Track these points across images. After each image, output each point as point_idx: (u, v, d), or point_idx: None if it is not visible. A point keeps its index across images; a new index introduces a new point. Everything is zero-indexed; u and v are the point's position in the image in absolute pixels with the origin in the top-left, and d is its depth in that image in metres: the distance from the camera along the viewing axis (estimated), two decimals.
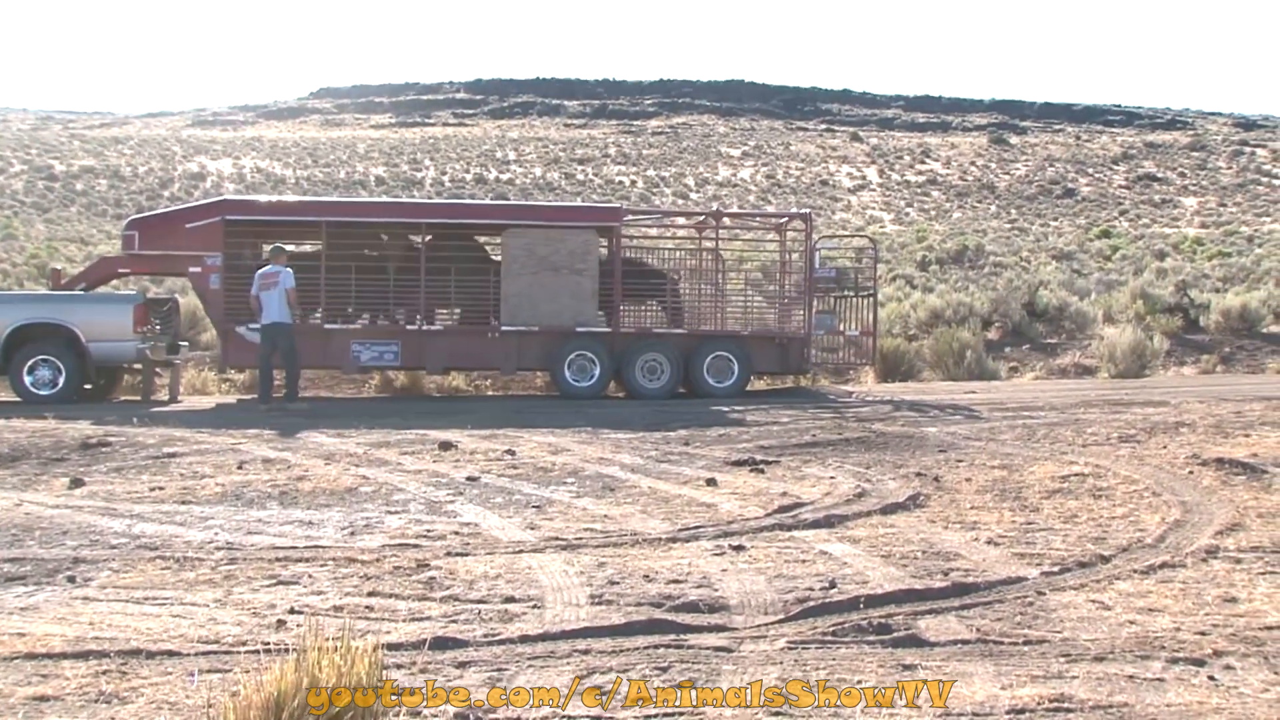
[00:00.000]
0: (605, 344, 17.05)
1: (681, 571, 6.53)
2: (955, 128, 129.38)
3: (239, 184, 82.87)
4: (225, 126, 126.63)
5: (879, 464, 10.39)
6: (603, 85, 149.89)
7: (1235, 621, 5.53)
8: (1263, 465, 9.60)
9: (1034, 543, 7.25)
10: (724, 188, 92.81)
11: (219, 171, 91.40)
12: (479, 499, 8.89)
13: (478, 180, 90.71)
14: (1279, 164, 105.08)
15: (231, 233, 16.77)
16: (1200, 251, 45.37)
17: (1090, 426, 12.39)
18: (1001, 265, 38.92)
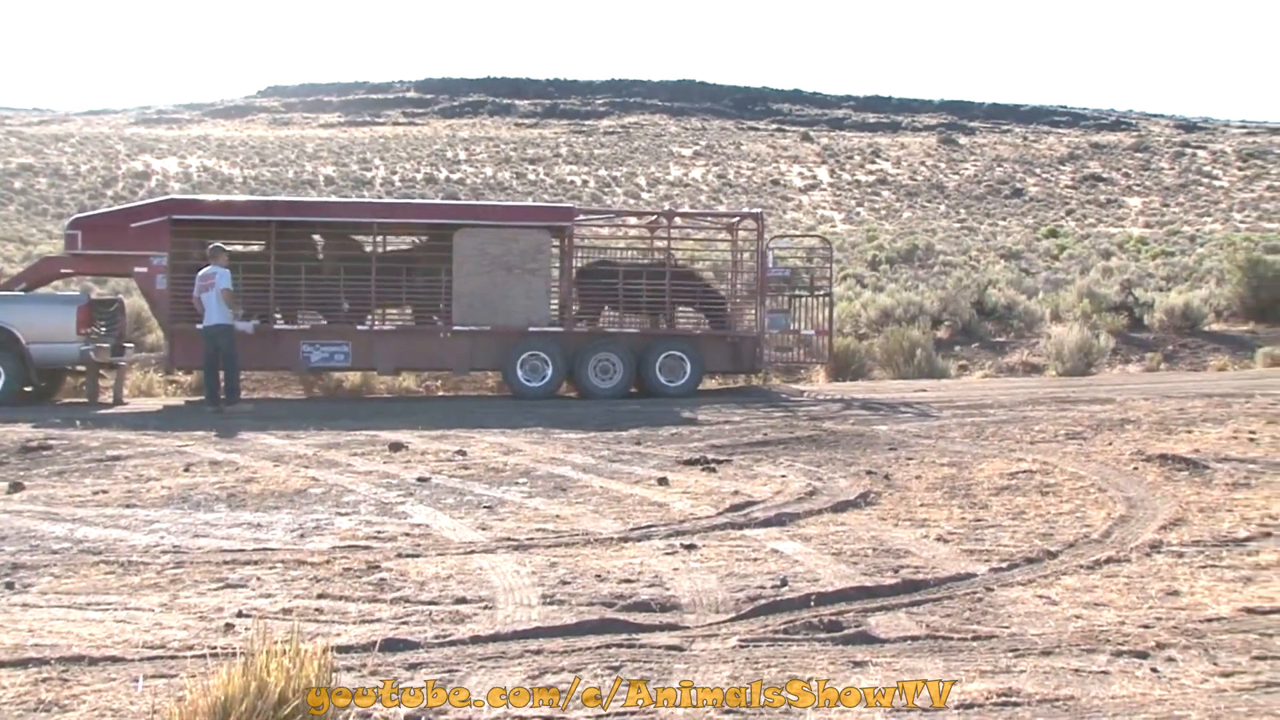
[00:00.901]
0: (558, 344, 17.01)
1: (633, 571, 6.54)
2: (905, 128, 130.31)
3: (185, 183, 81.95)
4: (171, 125, 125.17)
5: (830, 462, 10.44)
6: (554, 85, 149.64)
7: (1177, 614, 5.61)
8: (1204, 461, 9.75)
9: (983, 539, 7.31)
10: (675, 187, 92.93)
11: (164, 170, 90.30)
12: (430, 500, 8.85)
13: (428, 180, 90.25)
14: (1219, 165, 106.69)
15: (178, 232, 16.58)
16: (1144, 251, 45.98)
17: (1038, 424, 12.52)
18: (951, 264, 39.27)
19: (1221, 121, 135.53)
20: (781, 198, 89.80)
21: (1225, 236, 54.51)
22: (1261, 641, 5.17)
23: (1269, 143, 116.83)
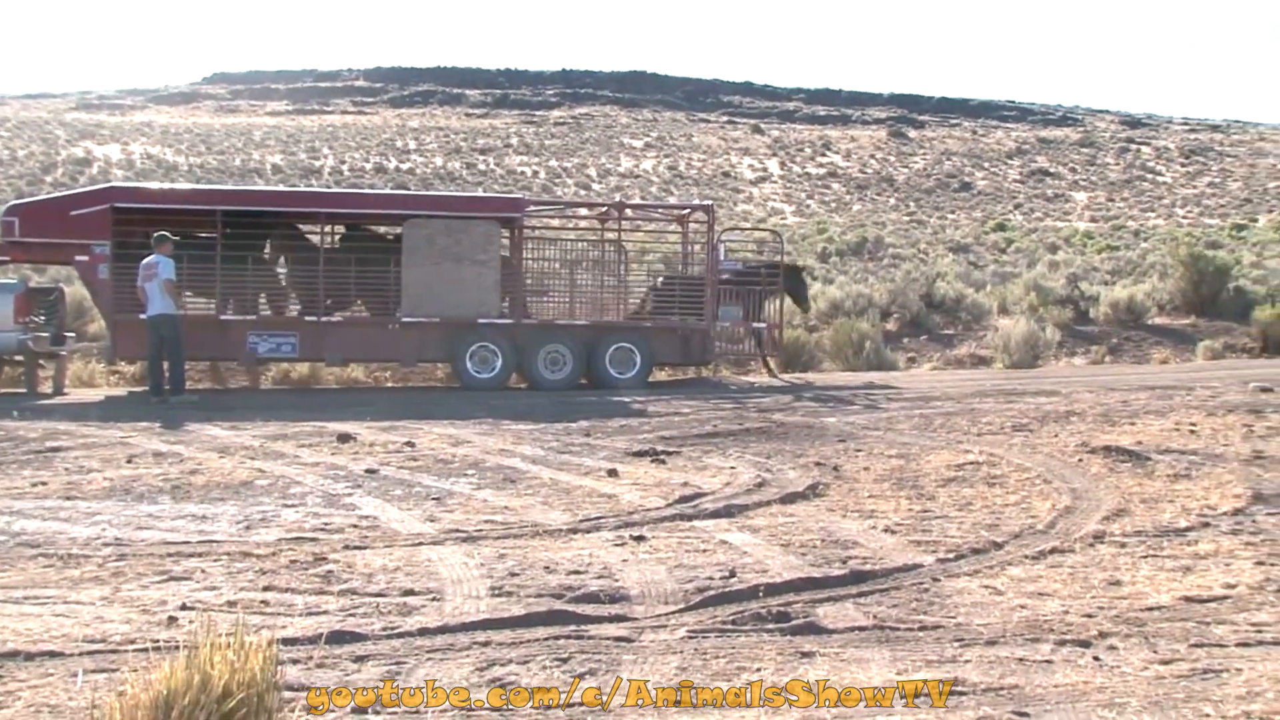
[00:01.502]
0: (507, 335, 16.96)
1: (582, 562, 6.53)
2: (855, 121, 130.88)
3: (128, 170, 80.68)
4: (113, 110, 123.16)
5: (779, 454, 10.49)
6: (504, 75, 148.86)
7: (1119, 604, 5.70)
8: (1147, 452, 9.90)
9: (930, 530, 7.38)
10: (626, 179, 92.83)
11: (106, 157, 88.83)
12: (378, 491, 8.80)
13: (378, 169, 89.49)
14: (1162, 161, 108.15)
15: (121, 221, 16.34)
16: (1090, 245, 46.55)
17: (985, 416, 12.65)
18: (900, 257, 39.55)
19: (1164, 118, 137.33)
20: (732, 190, 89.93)
21: (1168, 232, 55.29)
22: (1199, 629, 5.26)
23: (1210, 140, 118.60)
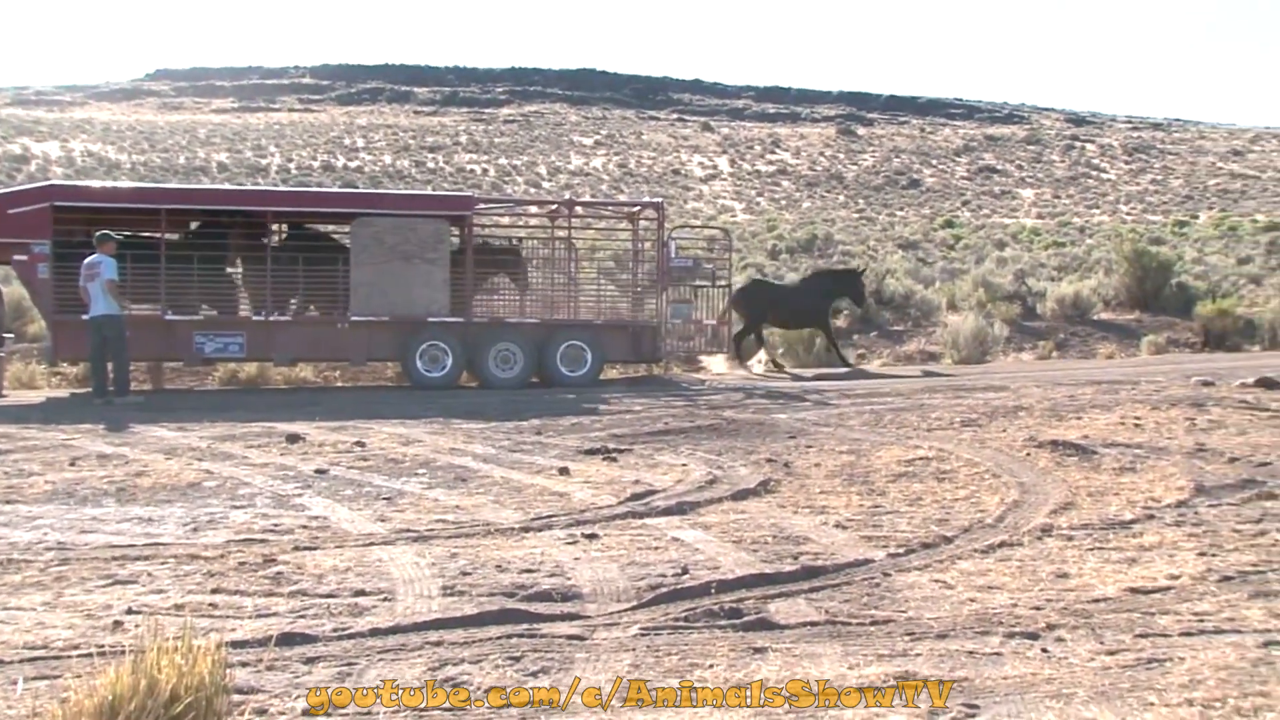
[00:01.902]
0: (457, 334, 16.91)
1: (534, 561, 6.52)
2: (804, 119, 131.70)
3: (68, 168, 79.58)
4: (51, 107, 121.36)
5: (730, 451, 10.53)
6: (453, 72, 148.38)
7: (1067, 596, 5.77)
8: (1093, 446, 10.02)
9: (880, 525, 7.43)
10: (576, 176, 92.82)
11: (45, 154, 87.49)
12: (328, 491, 8.74)
13: (325, 167, 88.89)
14: (1106, 159, 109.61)
15: (61, 219, 16.11)
16: (1037, 241, 47.05)
17: (934, 411, 12.76)
18: (850, 254, 39.79)
19: (1108, 116, 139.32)
20: (682, 187, 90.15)
21: (1113, 228, 56.02)
22: (1144, 620, 5.33)
23: (1152, 138, 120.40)
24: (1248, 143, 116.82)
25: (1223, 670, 4.59)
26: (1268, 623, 5.24)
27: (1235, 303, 24.50)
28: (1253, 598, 5.64)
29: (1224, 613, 5.42)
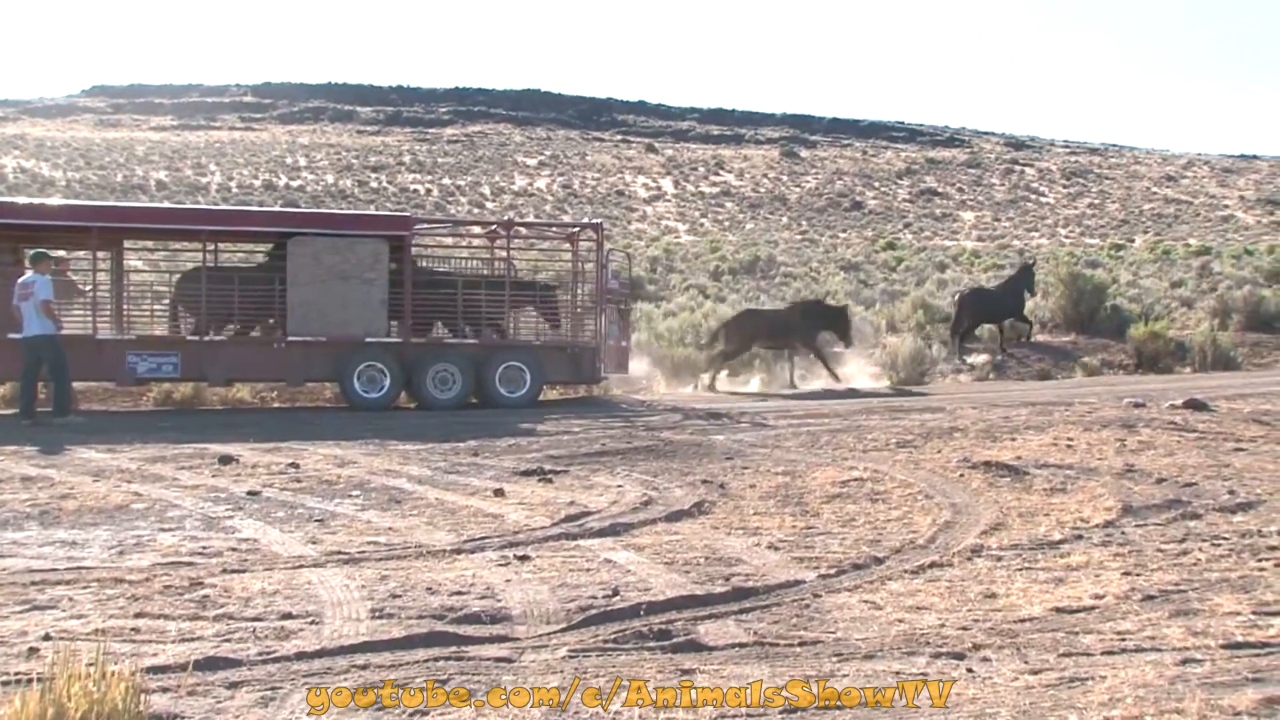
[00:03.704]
0: (395, 354, 16.81)
1: (465, 583, 6.50)
2: (748, 140, 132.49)
3: (0, 185, 78.31)
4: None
5: (666, 472, 10.55)
6: (396, 92, 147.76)
7: (994, 616, 5.83)
8: (1025, 467, 10.15)
9: (813, 546, 7.47)
10: (520, 197, 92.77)
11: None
12: (259, 514, 8.65)
13: (267, 186, 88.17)
14: (1045, 182, 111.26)
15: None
16: (977, 264, 47.58)
17: (870, 433, 12.86)
18: (792, 275, 40.03)
19: (1047, 140, 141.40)
20: (626, 208, 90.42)
21: (1050, 251, 56.80)
22: (1068, 639, 5.40)
23: (1089, 162, 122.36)
24: (1180, 169, 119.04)
25: (1141, 688, 4.66)
26: (1186, 641, 5.32)
27: (1167, 325, 24.91)
28: (1173, 616, 5.74)
29: (1145, 631, 5.51)
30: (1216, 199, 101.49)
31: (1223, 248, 55.14)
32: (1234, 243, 64.69)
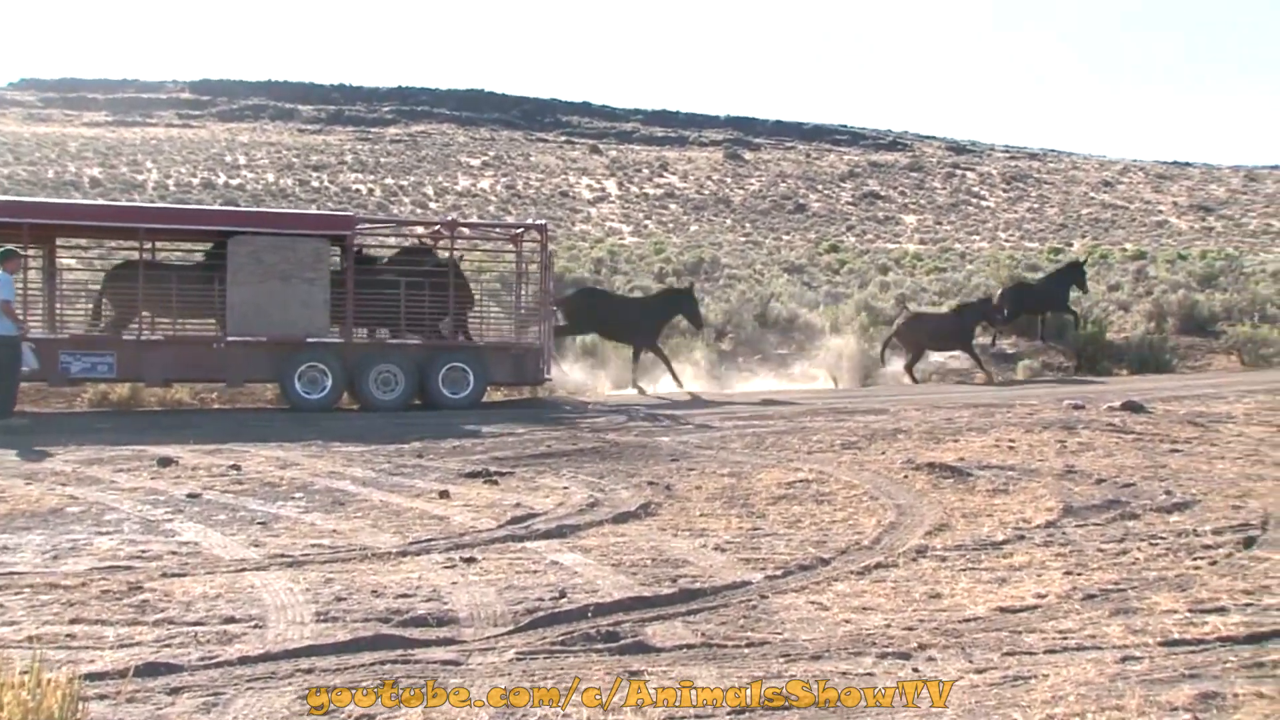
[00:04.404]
0: (337, 355, 16.67)
1: (411, 585, 6.46)
2: (692, 142, 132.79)
3: None
4: None
5: (612, 474, 10.54)
6: (339, 90, 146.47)
7: (939, 616, 5.89)
8: (968, 468, 10.26)
9: (759, 548, 7.50)
10: (464, 198, 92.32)
11: None
12: (200, 516, 8.54)
13: (205, 185, 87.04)
14: (986, 186, 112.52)
15: None
16: (919, 266, 47.97)
17: (816, 434, 12.93)
18: (736, 278, 40.08)
19: (987, 145, 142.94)
20: (570, 209, 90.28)
21: (991, 254, 57.42)
22: (1012, 638, 5.47)
23: (1029, 167, 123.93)
24: (1117, 174, 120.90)
25: (1083, 686, 4.73)
26: (1126, 639, 5.41)
27: (1105, 328, 25.29)
28: (1113, 615, 5.83)
29: (1086, 630, 5.59)
30: (1151, 204, 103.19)
31: (1157, 252, 56.02)
32: (1168, 247, 65.80)
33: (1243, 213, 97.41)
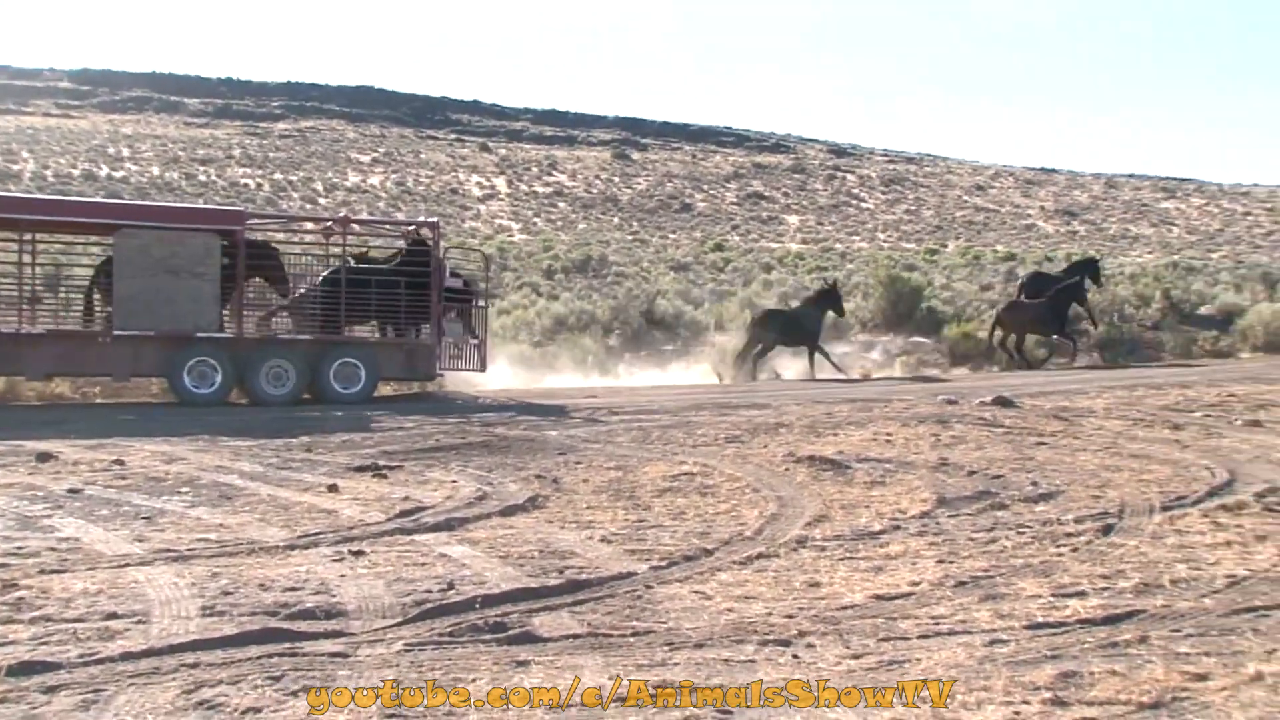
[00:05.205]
0: (227, 350, 16.31)
1: (299, 579, 6.35)
2: (581, 142, 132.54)
3: None
4: None
5: (501, 467, 10.49)
6: (226, 84, 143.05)
7: (818, 604, 5.97)
8: (847, 461, 10.43)
9: (645, 539, 7.53)
10: (354, 194, 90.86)
11: None
12: (81, 512, 8.29)
13: (87, 177, 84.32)
14: (865, 189, 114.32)
15: None
16: (801, 265, 48.53)
17: (700, 428, 13.02)
18: (623, 275, 40.18)
19: (867, 149, 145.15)
20: (460, 206, 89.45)
21: (870, 254, 58.37)
22: (887, 625, 5.58)
23: (906, 170, 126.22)
24: (989, 179, 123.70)
25: (954, 668, 4.84)
26: (994, 623, 5.56)
27: (978, 326, 25.91)
28: (982, 600, 5.98)
29: (957, 615, 5.72)
30: (1020, 208, 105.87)
31: (1026, 254, 57.50)
32: (1036, 249, 67.54)
33: (1104, 217, 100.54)
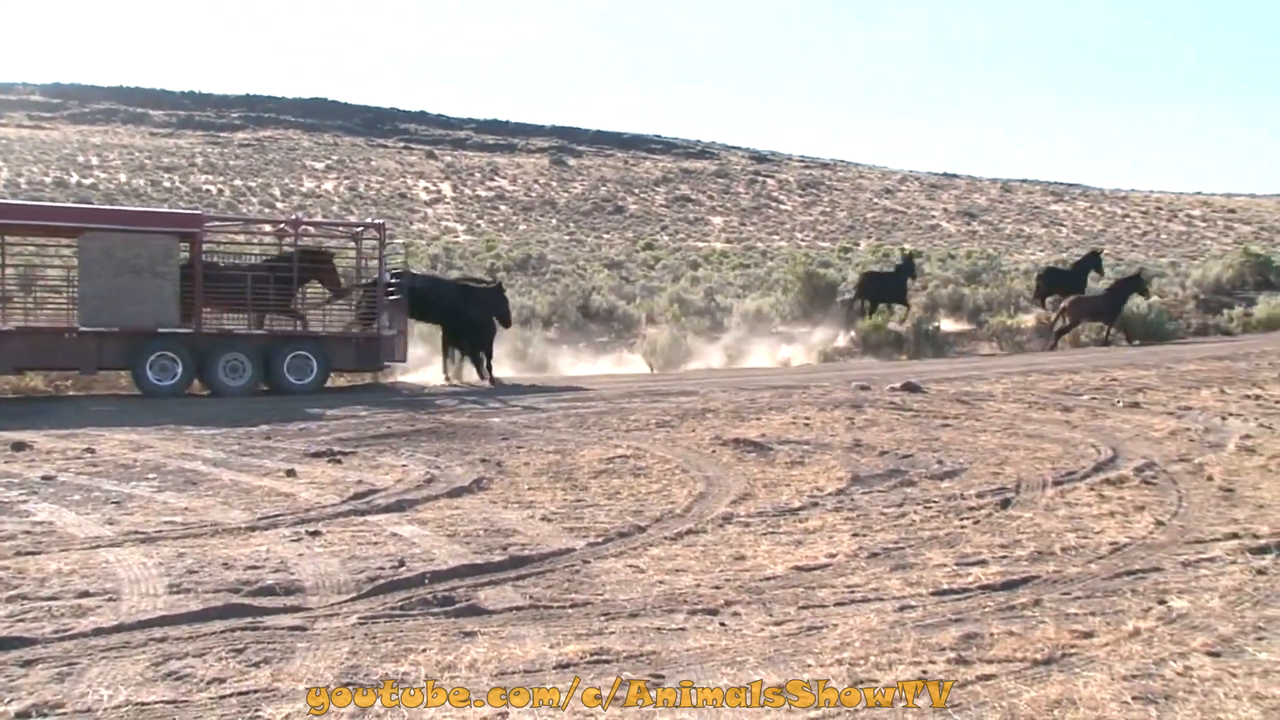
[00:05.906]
0: (187, 344, 16.03)
1: (260, 558, 6.28)
2: (520, 149, 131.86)
3: None
4: None
5: (448, 452, 10.43)
6: (188, 97, 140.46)
7: (743, 575, 6.02)
8: (769, 443, 10.49)
9: (582, 518, 7.53)
10: (309, 198, 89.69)
11: None
12: (55, 497, 8.12)
13: (58, 184, 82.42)
14: (784, 192, 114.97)
15: None
16: (725, 263, 48.71)
17: (633, 414, 13.02)
18: (561, 272, 40.07)
19: (786, 155, 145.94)
20: (409, 210, 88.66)
21: (789, 252, 58.72)
22: (806, 594, 5.63)
23: (821, 175, 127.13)
24: (897, 183, 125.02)
25: (867, 633, 4.90)
26: (904, 591, 5.63)
27: (887, 318, 26.16)
28: (893, 570, 6.05)
29: (870, 584, 5.79)
30: (925, 210, 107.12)
31: (930, 252, 58.19)
32: (940, 248, 68.38)
33: (1000, 219, 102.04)
